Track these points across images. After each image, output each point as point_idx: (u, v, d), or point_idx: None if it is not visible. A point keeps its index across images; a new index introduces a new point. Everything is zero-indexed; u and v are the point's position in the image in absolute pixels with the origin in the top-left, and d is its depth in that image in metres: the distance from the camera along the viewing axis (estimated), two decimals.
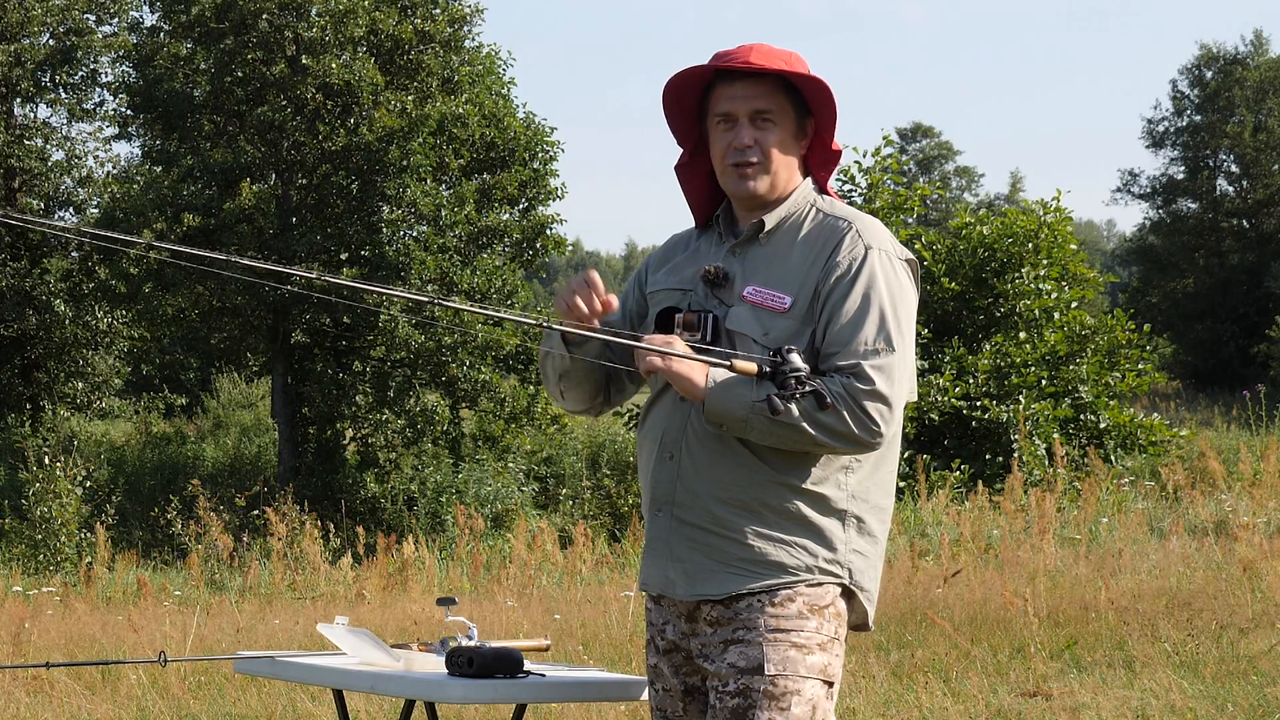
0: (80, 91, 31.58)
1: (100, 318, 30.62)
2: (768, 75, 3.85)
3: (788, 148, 3.90)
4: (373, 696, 8.17)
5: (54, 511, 19.21)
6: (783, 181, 3.91)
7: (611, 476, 25.37)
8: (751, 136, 3.87)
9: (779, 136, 3.88)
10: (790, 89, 3.88)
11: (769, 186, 3.90)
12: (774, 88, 3.87)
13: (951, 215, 30.95)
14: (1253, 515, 14.41)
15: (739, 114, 3.87)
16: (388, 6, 27.85)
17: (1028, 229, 21.90)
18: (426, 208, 26.91)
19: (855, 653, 9.75)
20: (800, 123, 3.92)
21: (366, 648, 4.77)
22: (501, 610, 12.01)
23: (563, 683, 4.53)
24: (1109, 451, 20.65)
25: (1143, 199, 53.78)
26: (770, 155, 3.88)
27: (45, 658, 10.25)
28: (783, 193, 3.92)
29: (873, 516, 3.88)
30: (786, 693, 3.75)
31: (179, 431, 33.52)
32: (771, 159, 3.88)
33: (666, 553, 3.88)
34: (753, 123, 3.88)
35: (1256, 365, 45.01)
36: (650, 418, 3.96)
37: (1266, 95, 51.61)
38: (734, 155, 3.88)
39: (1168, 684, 8.55)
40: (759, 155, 3.88)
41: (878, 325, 3.76)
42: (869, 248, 3.83)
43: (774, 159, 3.88)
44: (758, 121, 3.87)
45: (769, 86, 3.87)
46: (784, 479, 3.79)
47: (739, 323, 3.83)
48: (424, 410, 27.38)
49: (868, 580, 3.89)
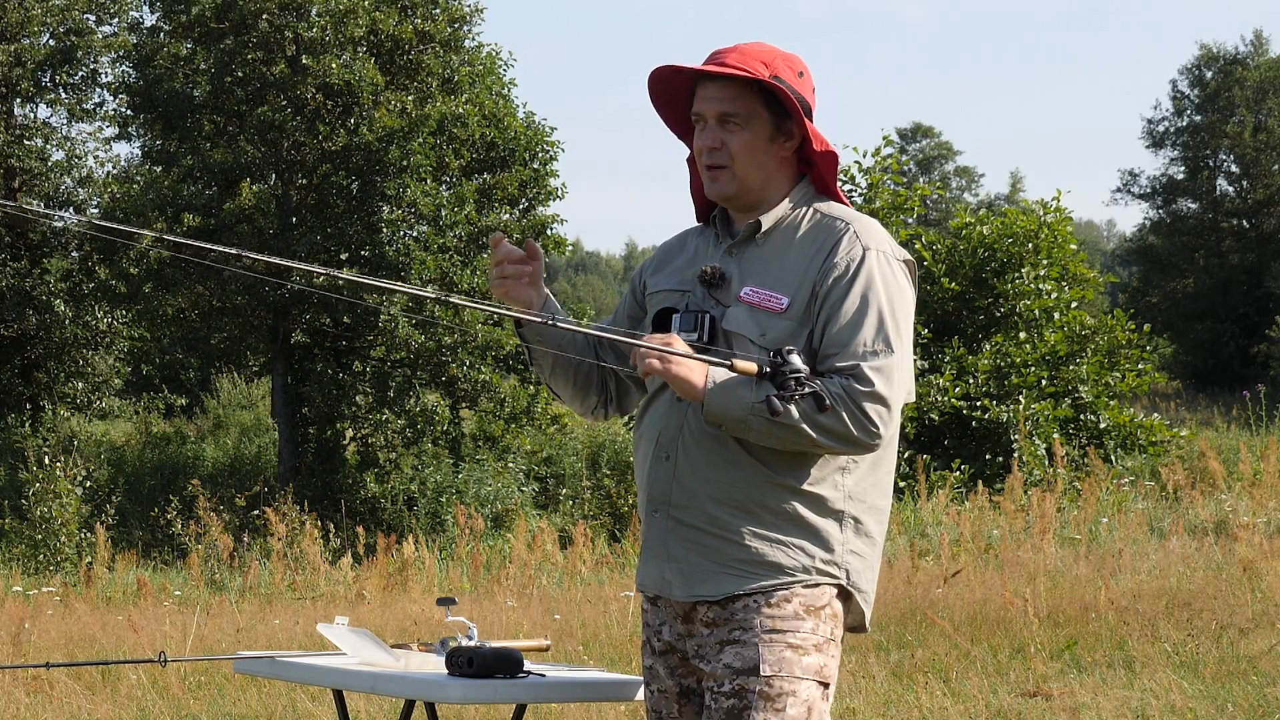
0: (80, 91, 31.59)
1: (100, 318, 30.62)
2: (737, 78, 3.84)
3: (759, 150, 3.88)
4: (373, 696, 8.17)
5: (54, 511, 19.21)
6: (755, 184, 3.90)
7: (611, 476, 25.36)
8: (718, 139, 3.87)
9: (747, 139, 3.87)
10: (769, 90, 3.87)
11: (737, 189, 3.89)
12: (744, 90, 3.86)
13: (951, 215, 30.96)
14: (1253, 515, 14.41)
15: (708, 115, 3.88)
16: (388, 6, 27.85)
17: (1028, 229, 21.92)
18: (426, 208, 26.92)
19: (855, 653, 9.75)
20: (779, 124, 3.89)
21: (366, 648, 4.77)
22: (501, 610, 12.01)
23: (562, 683, 4.53)
24: (1109, 451, 20.66)
25: (1143, 199, 53.81)
26: (736, 158, 3.87)
27: (45, 658, 10.25)
28: (759, 194, 3.91)
29: (870, 517, 3.88)
30: (782, 694, 3.75)
31: (179, 431, 33.53)
32: (737, 161, 3.87)
33: (663, 553, 3.88)
34: (721, 125, 3.87)
35: (1256, 365, 45.01)
36: (646, 418, 3.96)
37: (1266, 95, 51.62)
38: (705, 157, 3.90)
39: (1168, 684, 8.55)
40: (725, 158, 3.87)
41: (876, 326, 3.75)
42: (867, 248, 3.82)
43: (740, 161, 3.87)
44: (726, 124, 3.87)
45: (738, 89, 3.86)
46: (781, 479, 3.78)
47: (736, 323, 3.82)
48: (424, 410, 27.39)
49: (865, 581, 3.89)
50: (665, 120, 4.03)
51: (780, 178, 3.93)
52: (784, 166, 3.94)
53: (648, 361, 3.69)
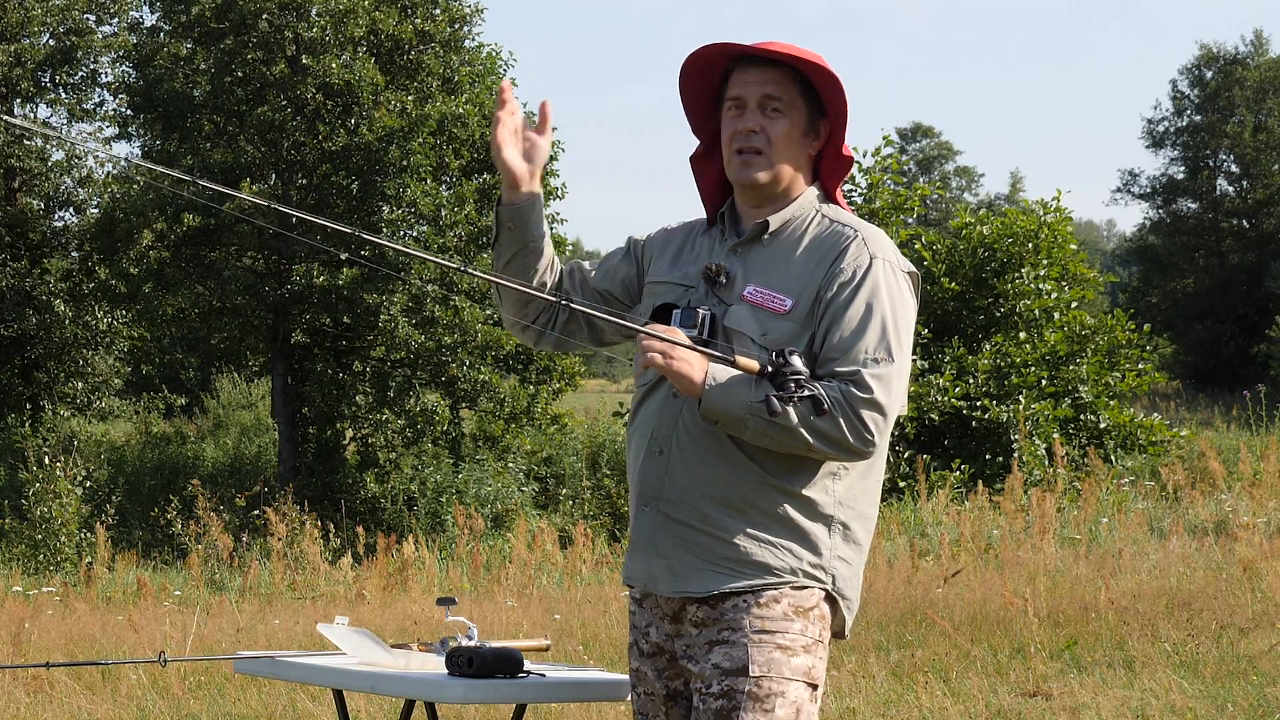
0: (80, 91, 31.57)
1: (100, 318, 30.60)
2: (781, 64, 3.83)
3: (795, 142, 3.87)
4: (373, 696, 8.17)
5: (54, 511, 19.20)
6: (786, 176, 3.88)
7: (611, 476, 25.34)
8: (758, 122, 3.85)
9: (786, 127, 3.85)
10: (805, 86, 3.86)
11: (771, 177, 3.87)
12: (787, 78, 3.85)
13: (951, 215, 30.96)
14: (1253, 515, 14.41)
15: (749, 99, 3.85)
16: (388, 6, 27.85)
17: (1028, 229, 21.91)
18: (426, 208, 26.91)
19: (855, 653, 9.75)
20: (812, 120, 3.89)
21: (366, 648, 4.77)
22: (501, 610, 12.01)
23: (562, 683, 4.53)
24: (1109, 451, 20.65)
25: (1143, 199, 53.82)
26: (775, 144, 3.85)
27: (45, 658, 10.25)
28: (785, 188, 3.90)
29: (858, 525, 3.88)
30: (771, 694, 3.75)
31: (179, 431, 33.51)
32: (776, 148, 3.85)
33: (651, 548, 3.87)
34: (762, 109, 3.85)
35: (1256, 365, 45.01)
36: (641, 412, 3.95)
37: (1266, 95, 51.62)
38: (739, 140, 3.86)
39: (1168, 684, 8.55)
40: (764, 142, 3.85)
41: (879, 335, 3.75)
42: (874, 257, 3.82)
43: (778, 149, 3.85)
44: (767, 109, 3.85)
45: (782, 75, 3.85)
46: (773, 480, 3.78)
47: (738, 321, 3.82)
48: (424, 410, 27.38)
49: (850, 589, 3.88)
50: (687, 108, 3.98)
51: (801, 177, 3.93)
52: (806, 166, 3.93)
53: (648, 356, 3.68)
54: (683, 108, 3.99)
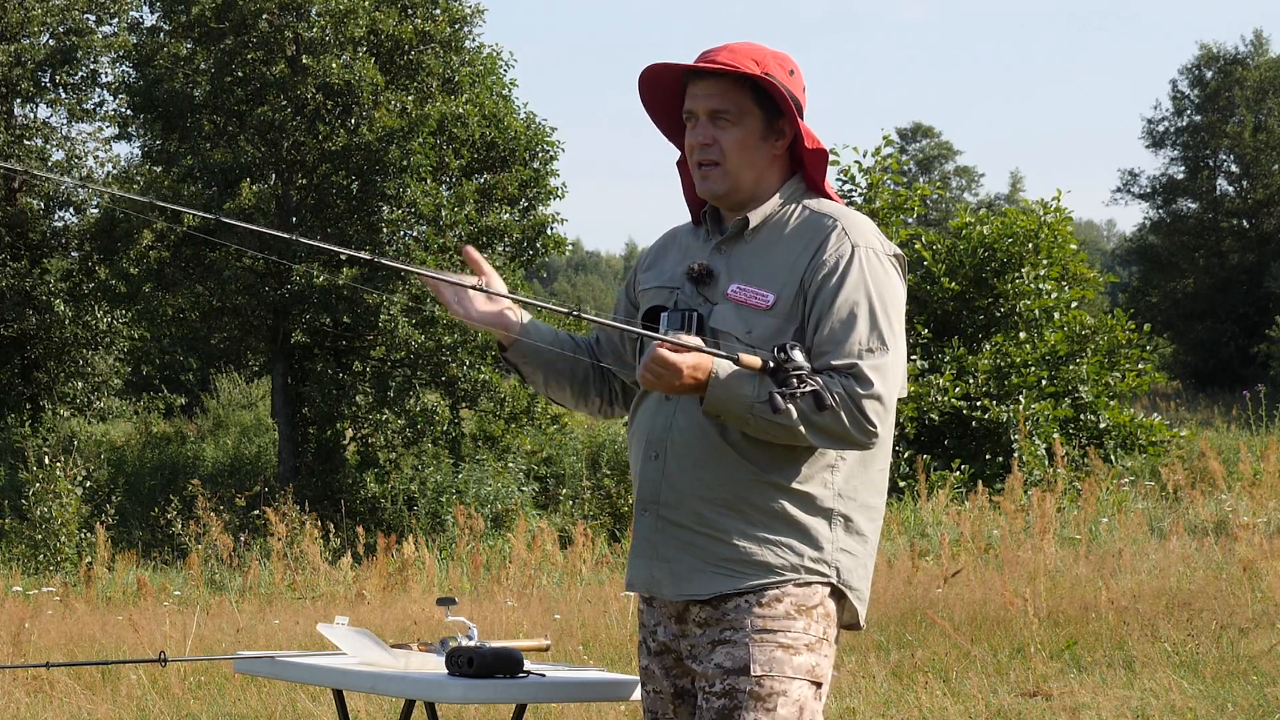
0: (80, 91, 31.58)
1: (100, 318, 30.61)
2: (728, 74, 3.85)
3: (750, 148, 3.88)
4: (373, 696, 8.17)
5: (54, 511, 19.20)
6: (747, 181, 3.90)
7: (611, 476, 25.34)
8: (710, 135, 3.88)
9: (739, 135, 3.87)
10: (759, 88, 3.87)
11: (729, 186, 3.90)
12: (735, 87, 3.87)
13: (951, 215, 30.96)
14: (1253, 515, 14.41)
15: (699, 112, 3.89)
16: (388, 6, 27.85)
17: (1028, 229, 21.92)
18: (426, 208, 26.92)
19: (855, 653, 9.75)
20: (771, 122, 3.89)
21: (366, 648, 4.77)
22: (501, 610, 12.01)
23: (562, 683, 4.53)
24: (1109, 451, 20.66)
25: (1143, 199, 53.80)
26: (729, 154, 3.88)
27: (45, 658, 10.25)
28: (751, 192, 3.91)
29: (861, 515, 3.87)
30: (772, 693, 3.75)
31: (179, 431, 33.52)
32: (729, 158, 3.88)
33: (652, 552, 3.88)
34: (712, 121, 3.88)
35: (1256, 365, 45.02)
36: (637, 417, 3.97)
37: (1266, 95, 51.61)
38: (696, 154, 3.90)
39: (1168, 684, 8.55)
40: (717, 154, 3.88)
41: (870, 324, 3.75)
42: (855, 245, 3.82)
43: (732, 158, 3.88)
44: (717, 121, 3.87)
45: (729, 86, 3.87)
46: (769, 478, 3.78)
47: (722, 321, 3.83)
48: (424, 410, 27.38)
49: (857, 579, 3.88)
50: (656, 122, 4.03)
51: (772, 176, 3.93)
52: (776, 164, 3.94)
53: (643, 375, 3.69)
54: (654, 123, 4.03)
